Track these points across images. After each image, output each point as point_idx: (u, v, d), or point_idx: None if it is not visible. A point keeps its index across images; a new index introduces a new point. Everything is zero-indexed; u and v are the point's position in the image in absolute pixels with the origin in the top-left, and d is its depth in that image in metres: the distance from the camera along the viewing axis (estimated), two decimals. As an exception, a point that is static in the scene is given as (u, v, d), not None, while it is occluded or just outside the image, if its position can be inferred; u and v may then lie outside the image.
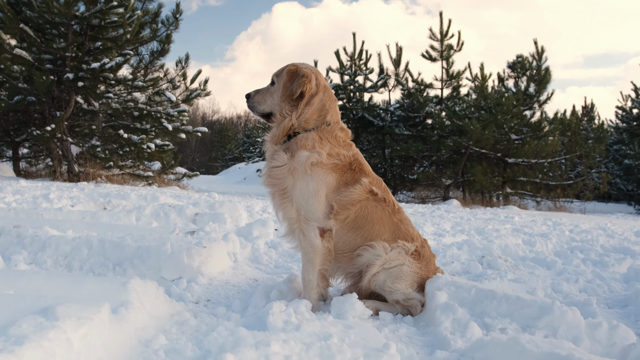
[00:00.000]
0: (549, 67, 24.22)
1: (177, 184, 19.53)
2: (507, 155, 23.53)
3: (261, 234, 6.49)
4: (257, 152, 62.41)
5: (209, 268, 4.30)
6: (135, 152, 17.95)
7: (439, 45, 25.55)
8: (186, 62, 20.29)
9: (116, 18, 16.95)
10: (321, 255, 3.51)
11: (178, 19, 19.61)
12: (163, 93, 18.58)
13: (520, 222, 12.25)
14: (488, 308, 3.11)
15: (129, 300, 2.90)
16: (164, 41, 19.17)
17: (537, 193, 23.43)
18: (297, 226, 3.54)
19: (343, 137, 3.67)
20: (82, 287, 2.97)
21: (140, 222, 6.77)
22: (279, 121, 3.65)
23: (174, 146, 19.16)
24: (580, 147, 23.64)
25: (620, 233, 10.43)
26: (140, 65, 19.50)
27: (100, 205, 7.60)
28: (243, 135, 72.89)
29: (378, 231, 3.57)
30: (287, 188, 3.52)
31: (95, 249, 4.41)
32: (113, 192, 10.51)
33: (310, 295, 3.52)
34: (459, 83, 25.64)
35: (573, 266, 6.19)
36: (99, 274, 4.18)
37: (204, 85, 20.30)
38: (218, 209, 8.11)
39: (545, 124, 23.88)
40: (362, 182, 3.58)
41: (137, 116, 18.16)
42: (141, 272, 4.16)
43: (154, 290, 3.23)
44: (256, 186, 35.72)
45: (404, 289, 3.45)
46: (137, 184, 17.99)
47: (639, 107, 31.68)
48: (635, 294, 4.51)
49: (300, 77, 3.57)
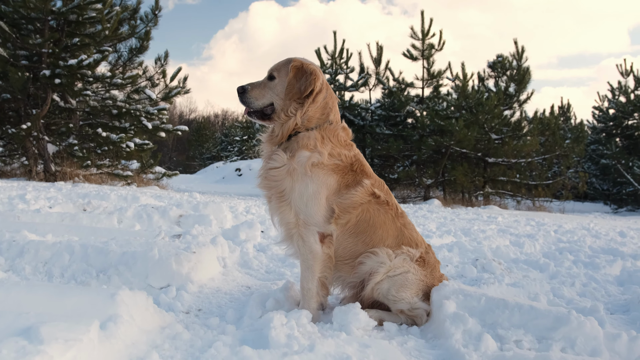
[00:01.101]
0: (529, 67, 24.32)
1: (157, 183, 19.15)
2: (487, 155, 23.58)
3: (249, 237, 6.29)
4: (235, 151, 61.98)
5: (199, 274, 4.09)
6: (114, 151, 17.55)
7: (420, 44, 25.48)
8: (165, 59, 19.93)
9: (94, 14, 16.56)
10: (321, 262, 3.32)
11: (157, 16, 19.22)
12: (143, 91, 18.19)
13: (504, 223, 12.21)
14: (500, 318, 2.94)
15: (118, 314, 2.68)
16: (143, 38, 18.76)
17: (517, 192, 23.53)
18: (296, 231, 3.34)
19: (344, 136, 3.48)
20: (67, 299, 2.74)
21: (123, 225, 6.51)
22: (283, 121, 3.42)
23: (153, 145, 18.78)
24: (559, 146, 23.79)
25: (604, 233, 10.43)
26: (118, 62, 19.06)
27: (79, 206, 7.32)
28: (221, 134, 72.34)
29: (381, 236, 3.38)
30: (285, 190, 3.32)
31: (78, 254, 4.16)
32: (92, 193, 10.20)
33: (310, 304, 3.32)
34: (439, 83, 25.60)
35: (565, 268, 6.13)
36: (81, 282, 3.93)
37: (184, 82, 19.95)
38: (202, 210, 7.87)
39: (525, 123, 23.98)
40: (364, 184, 3.39)
41: (115, 114, 17.73)
42: (127, 279, 3.93)
43: (144, 302, 3.01)
44: (235, 185, 35.43)
45: (409, 298, 3.27)
46: (116, 183, 17.60)
47: (615, 107, 31.94)
48: (637, 299, 4.41)
49: (309, 75, 3.38)
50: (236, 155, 59.61)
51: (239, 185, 35.61)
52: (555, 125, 24.01)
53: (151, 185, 18.41)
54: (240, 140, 60.74)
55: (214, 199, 13.48)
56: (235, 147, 63.26)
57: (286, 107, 3.41)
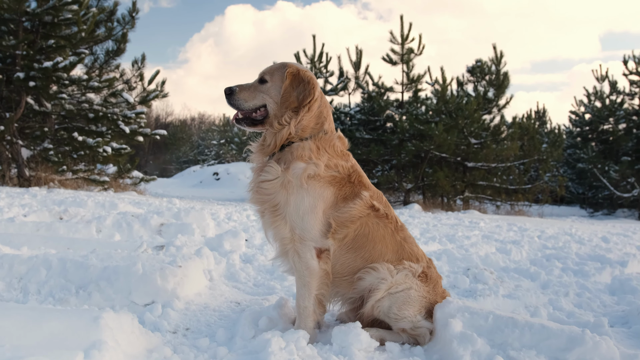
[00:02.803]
0: (508, 72, 24.46)
1: (134, 188, 18.76)
2: (466, 159, 23.62)
3: (233, 247, 6.08)
4: (212, 155, 61.46)
5: (185, 290, 3.87)
6: (90, 155, 17.10)
7: (400, 48, 25.43)
8: (142, 62, 19.56)
9: (70, 15, 16.11)
10: (318, 279, 3.13)
11: (134, 18, 18.85)
12: (120, 94, 17.75)
13: (486, 228, 12.14)
14: (510, 338, 2.78)
15: (102, 339, 2.47)
16: (120, 40, 18.36)
17: (497, 197, 23.61)
18: (291, 246, 3.15)
19: (341, 146, 3.31)
20: (45, 324, 2.50)
21: (102, 235, 6.24)
22: (276, 129, 3.23)
23: (130, 149, 18.38)
24: (537, 151, 23.93)
25: (588, 239, 10.41)
26: (94, 65, 18.62)
27: (55, 214, 7.02)
28: (198, 137, 71.69)
29: (380, 251, 3.20)
30: (279, 204, 3.13)
31: (55, 269, 3.91)
32: (68, 199, 9.87)
33: (307, 324, 3.13)
34: (418, 87, 25.57)
35: (556, 277, 6.07)
36: (60, 300, 3.69)
37: (162, 86, 19.60)
38: (184, 218, 7.62)
39: (504, 128, 24.08)
40: (362, 196, 3.22)
41: (92, 118, 17.24)
42: (109, 296, 3.70)
43: (129, 323, 2.80)
44: (213, 189, 35.07)
45: (412, 316, 3.09)
46: (92, 188, 17.17)
47: (591, 112, 32.29)
48: (635, 311, 4.31)
49: (307, 84, 3.21)
50: (213, 159, 59.11)
51: (217, 189, 35.27)
52: (534, 130, 24.17)
53: (128, 190, 17.99)
54: (218, 144, 60.27)
55: (194, 205, 13.21)
56: (212, 151, 62.72)
57: (280, 114, 3.23)
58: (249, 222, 9.62)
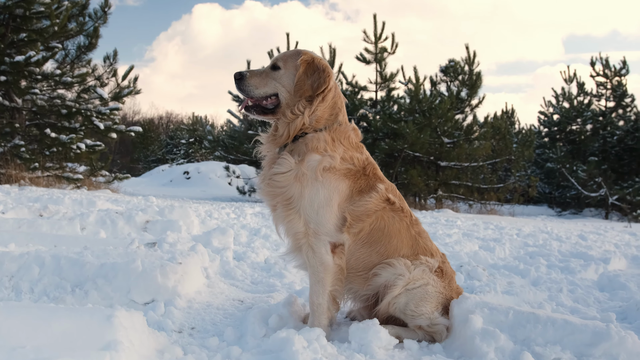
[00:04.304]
0: (481, 72, 24.68)
1: (107, 186, 18.35)
2: (439, 158, 23.76)
3: (223, 244, 5.95)
4: (181, 154, 60.68)
5: (186, 287, 3.74)
6: (63, 153, 16.67)
7: (373, 47, 25.46)
8: (114, 58, 19.13)
9: (42, 8, 15.69)
10: (332, 275, 3.04)
11: (107, 13, 18.46)
12: (94, 90, 17.34)
13: (464, 227, 12.20)
14: (532, 334, 2.73)
15: (117, 339, 2.34)
16: (92, 35, 17.94)
17: (470, 196, 23.79)
18: (305, 241, 3.04)
19: (355, 138, 3.23)
20: (55, 323, 2.36)
21: (86, 232, 6.04)
22: (290, 119, 3.12)
23: (104, 147, 18.00)
24: (509, 150, 24.21)
25: (566, 237, 10.53)
26: (65, 60, 18.16)
27: (35, 211, 6.78)
28: (166, 136, 70.72)
29: (396, 246, 3.12)
30: (293, 197, 3.02)
31: (49, 267, 3.74)
32: (44, 197, 9.57)
33: (321, 321, 3.04)
34: (391, 86, 25.63)
35: (544, 274, 6.10)
36: (55, 298, 3.52)
37: (134, 83, 19.23)
38: (169, 215, 7.44)
39: (476, 127, 24.29)
40: (378, 189, 3.13)
41: (65, 114, 16.82)
42: (107, 294, 3.55)
43: (141, 323, 2.67)
44: (184, 188, 34.52)
45: (429, 313, 3.01)
46: (65, 186, 16.73)
47: (559, 113, 32.87)
48: (634, 306, 4.34)
49: (322, 71, 3.11)
50: (183, 158, 58.35)
51: (188, 188, 34.78)
52: (506, 130, 24.44)
53: (102, 188, 17.58)
54: (187, 143, 59.55)
55: (172, 203, 12.98)
56: (181, 149, 61.91)
57: (293, 103, 3.13)
58: (230, 220, 9.48)
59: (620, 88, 30.70)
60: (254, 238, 7.03)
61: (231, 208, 12.91)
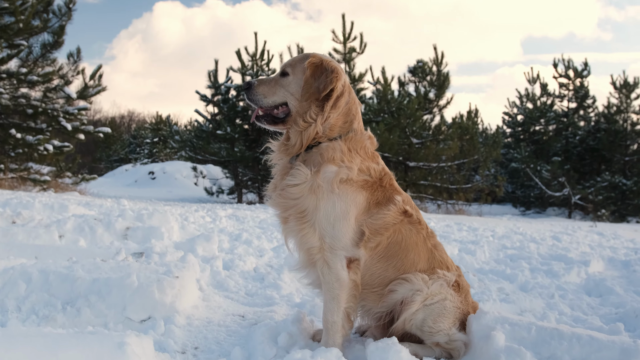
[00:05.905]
0: (449, 73, 24.88)
1: (75, 188, 17.83)
2: (408, 159, 23.86)
3: (209, 251, 5.77)
4: (145, 154, 59.64)
5: (183, 303, 3.57)
6: (29, 154, 16.13)
7: (342, 47, 25.41)
8: (78, 56, 18.61)
9: (6, 4, 15.15)
10: (347, 291, 2.90)
11: (72, 10, 17.93)
12: (61, 89, 16.84)
13: (438, 228, 12.18)
14: (558, 351, 2.65)
15: (133, 369, 2.18)
16: (57, 33, 17.40)
17: (438, 196, 23.95)
18: (320, 256, 2.90)
19: (371, 148, 3.10)
20: (62, 354, 2.18)
21: (65, 240, 5.76)
22: (302, 128, 2.97)
23: (72, 148, 17.48)
24: (477, 151, 24.46)
25: (541, 238, 10.61)
26: (29, 58, 17.57)
27: (7, 218, 6.45)
28: (129, 136, 69.46)
29: (413, 260, 3.01)
30: (308, 210, 2.88)
31: (36, 283, 3.51)
32: (12, 201, 9.17)
33: (335, 340, 2.90)
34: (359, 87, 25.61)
35: (530, 278, 6.11)
36: (45, 317, 3.30)
37: (99, 80, 18.73)
38: (148, 221, 7.18)
39: (444, 128, 24.47)
40: (395, 201, 3.01)
41: (31, 114, 16.28)
42: (100, 312, 3.34)
43: (151, 348, 2.51)
44: (149, 189, 33.98)
45: (447, 329, 2.90)
46: (30, 189, 16.19)
47: (523, 113, 33.40)
48: (632, 313, 4.34)
49: (330, 73, 2.96)
50: (147, 158, 57.38)
51: (153, 189, 34.25)
52: (473, 130, 24.68)
53: (69, 190, 17.09)
54: (151, 142, 58.56)
55: (146, 205, 12.66)
56: (145, 149, 60.87)
57: (303, 110, 2.98)
58: (207, 224, 9.26)
59: (582, 89, 31.35)
60: (235, 244, 6.86)
61: (204, 210, 12.66)
